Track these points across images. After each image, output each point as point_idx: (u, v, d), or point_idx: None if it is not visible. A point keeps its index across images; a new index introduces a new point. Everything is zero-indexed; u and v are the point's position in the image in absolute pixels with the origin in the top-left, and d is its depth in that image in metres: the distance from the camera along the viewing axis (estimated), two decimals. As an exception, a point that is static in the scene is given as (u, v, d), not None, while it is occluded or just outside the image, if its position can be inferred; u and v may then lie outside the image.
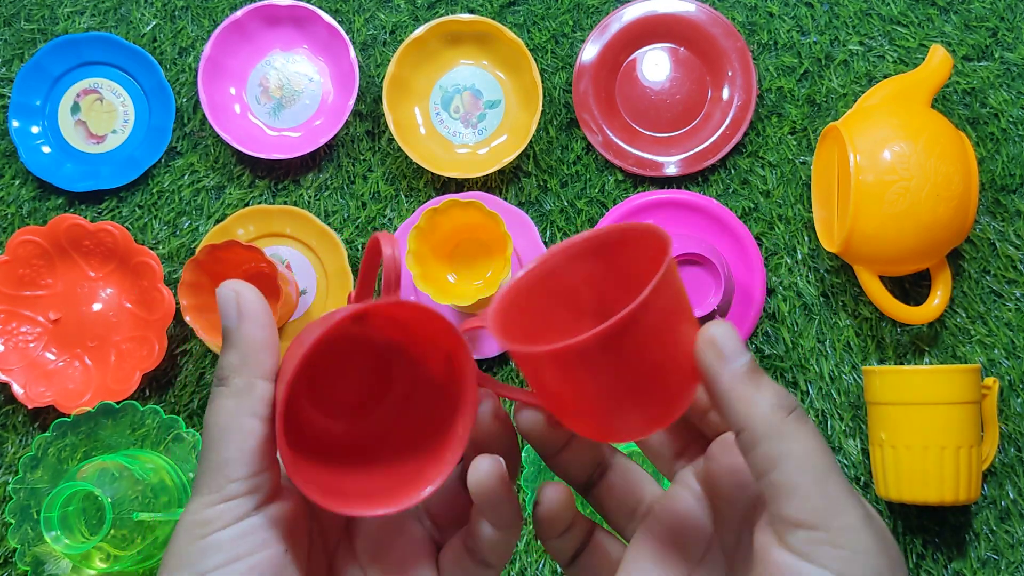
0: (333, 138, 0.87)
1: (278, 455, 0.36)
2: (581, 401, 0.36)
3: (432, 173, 0.86)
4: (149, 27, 0.90)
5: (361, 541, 0.40)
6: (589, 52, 0.86)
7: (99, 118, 0.89)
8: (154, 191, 0.88)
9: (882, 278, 0.79)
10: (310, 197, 0.87)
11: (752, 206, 0.84)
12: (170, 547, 0.35)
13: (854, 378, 0.81)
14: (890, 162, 0.73)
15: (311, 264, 0.85)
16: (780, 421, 0.33)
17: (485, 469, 0.36)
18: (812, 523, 0.32)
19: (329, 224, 0.86)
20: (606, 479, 0.41)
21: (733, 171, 0.85)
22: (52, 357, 0.85)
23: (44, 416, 0.85)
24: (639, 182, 0.86)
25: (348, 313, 0.35)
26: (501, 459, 0.37)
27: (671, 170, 0.85)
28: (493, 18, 0.87)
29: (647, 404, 0.35)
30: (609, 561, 0.40)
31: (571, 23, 0.88)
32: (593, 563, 0.40)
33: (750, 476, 0.36)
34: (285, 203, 0.87)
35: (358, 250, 0.86)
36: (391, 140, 0.87)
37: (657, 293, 0.33)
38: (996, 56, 0.85)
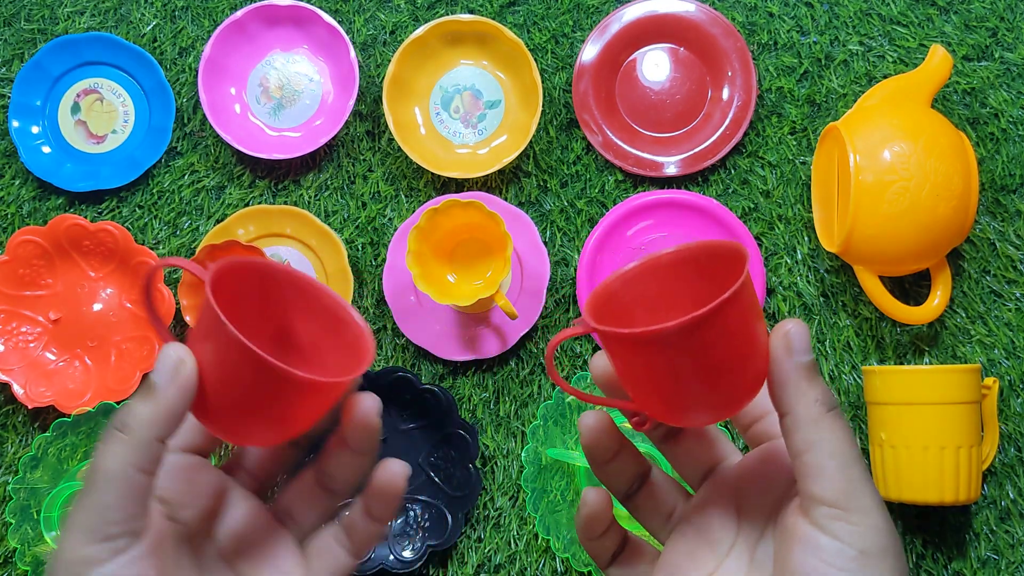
0: (333, 138, 0.87)
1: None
2: (655, 384, 0.41)
3: (432, 173, 0.86)
4: (149, 27, 0.90)
5: (227, 543, 0.44)
6: (589, 52, 0.86)
7: (99, 118, 0.89)
8: (154, 191, 0.88)
9: (882, 278, 0.79)
10: (310, 197, 0.87)
11: (752, 206, 0.84)
12: None
13: (854, 378, 0.81)
14: (890, 162, 0.73)
15: (311, 264, 0.85)
16: (819, 413, 0.39)
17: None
18: (833, 501, 0.38)
19: (329, 224, 0.86)
20: (645, 488, 0.46)
21: (733, 171, 0.85)
22: (52, 357, 0.85)
23: (44, 416, 0.85)
24: (639, 182, 0.86)
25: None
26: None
27: (671, 170, 0.85)
28: (493, 18, 0.87)
29: (713, 396, 0.41)
30: (644, 560, 0.46)
31: (571, 23, 0.88)
32: (631, 560, 0.46)
33: (777, 479, 0.43)
34: (285, 203, 0.87)
35: (358, 250, 0.86)
36: (391, 140, 0.87)
37: (731, 302, 0.38)
38: (996, 56, 0.85)
